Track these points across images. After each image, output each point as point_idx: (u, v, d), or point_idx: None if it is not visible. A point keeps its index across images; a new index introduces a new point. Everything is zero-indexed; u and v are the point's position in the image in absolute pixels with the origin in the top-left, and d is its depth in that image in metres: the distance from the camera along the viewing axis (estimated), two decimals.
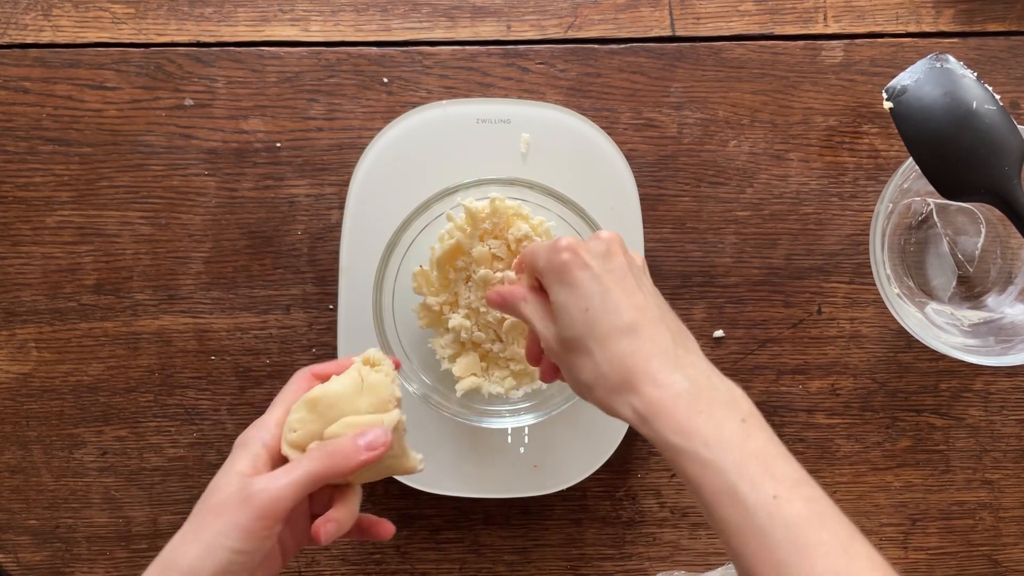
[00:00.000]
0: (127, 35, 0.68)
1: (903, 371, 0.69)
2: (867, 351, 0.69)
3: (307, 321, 0.68)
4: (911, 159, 0.60)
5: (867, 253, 0.63)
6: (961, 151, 0.58)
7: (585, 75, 0.68)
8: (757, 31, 0.68)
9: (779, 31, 0.69)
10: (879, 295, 0.63)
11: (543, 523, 0.69)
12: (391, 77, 0.68)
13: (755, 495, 0.40)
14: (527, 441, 0.65)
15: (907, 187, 0.64)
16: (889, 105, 0.59)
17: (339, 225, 0.66)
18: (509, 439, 0.65)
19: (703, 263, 0.69)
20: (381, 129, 0.65)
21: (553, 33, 0.68)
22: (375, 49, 0.68)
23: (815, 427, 0.70)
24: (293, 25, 0.68)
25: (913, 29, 0.69)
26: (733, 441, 0.42)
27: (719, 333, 0.69)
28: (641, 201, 0.65)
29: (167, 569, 0.44)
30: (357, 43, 0.68)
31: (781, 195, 0.69)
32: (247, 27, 0.68)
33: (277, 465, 0.47)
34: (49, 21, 0.67)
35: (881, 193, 0.62)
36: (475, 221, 0.59)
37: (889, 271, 0.63)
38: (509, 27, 0.68)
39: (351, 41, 0.68)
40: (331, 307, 0.68)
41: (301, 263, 0.68)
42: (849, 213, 0.69)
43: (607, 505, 0.70)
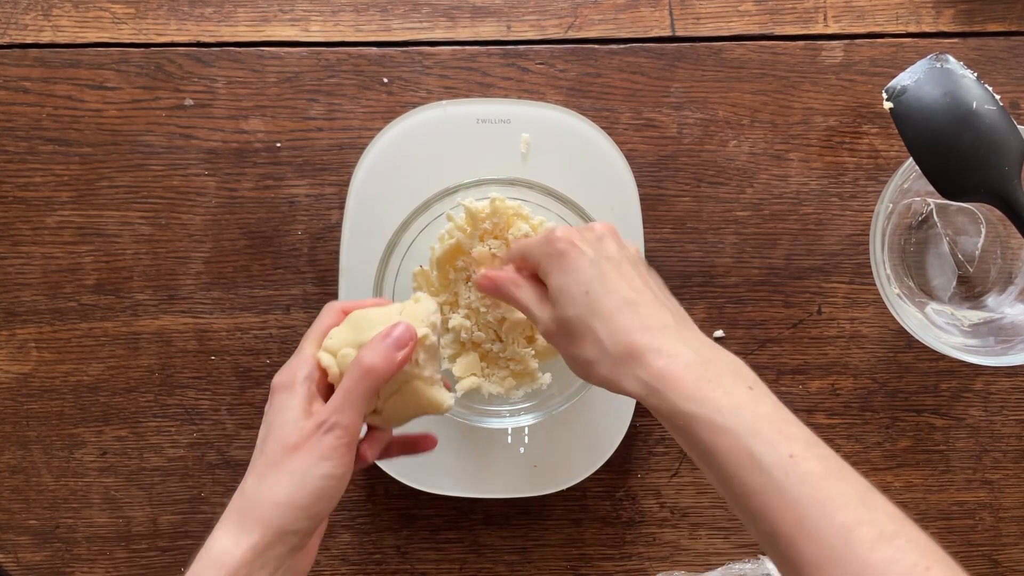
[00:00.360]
0: (127, 35, 0.68)
1: (903, 371, 0.69)
2: (867, 351, 0.69)
3: (307, 321, 0.68)
4: (911, 159, 0.60)
5: (867, 253, 0.63)
6: (961, 151, 0.58)
7: (585, 75, 0.68)
8: (757, 31, 0.68)
9: (779, 31, 0.69)
10: (879, 295, 0.63)
11: (543, 523, 0.69)
12: (391, 77, 0.68)
13: (771, 455, 0.41)
14: (527, 441, 0.65)
15: (907, 187, 0.64)
16: (889, 105, 0.59)
17: (339, 225, 0.66)
18: (509, 439, 0.65)
19: (703, 263, 0.69)
20: (381, 129, 0.65)
21: (553, 33, 0.68)
22: (375, 49, 0.68)
23: (815, 427, 0.68)
24: (293, 25, 0.68)
25: (913, 29, 0.69)
26: (744, 406, 0.43)
27: (719, 333, 0.69)
28: (641, 201, 0.65)
29: (257, 506, 0.45)
30: (357, 43, 0.68)
31: (781, 195, 0.69)
32: (247, 27, 0.68)
33: (325, 397, 0.49)
34: (49, 21, 0.68)
35: (881, 193, 0.62)
36: (475, 221, 0.59)
37: (889, 271, 0.63)
38: (509, 27, 0.68)
39: (351, 41, 0.68)
40: None
41: (301, 263, 0.68)
42: (849, 213, 0.69)
43: (607, 505, 0.70)
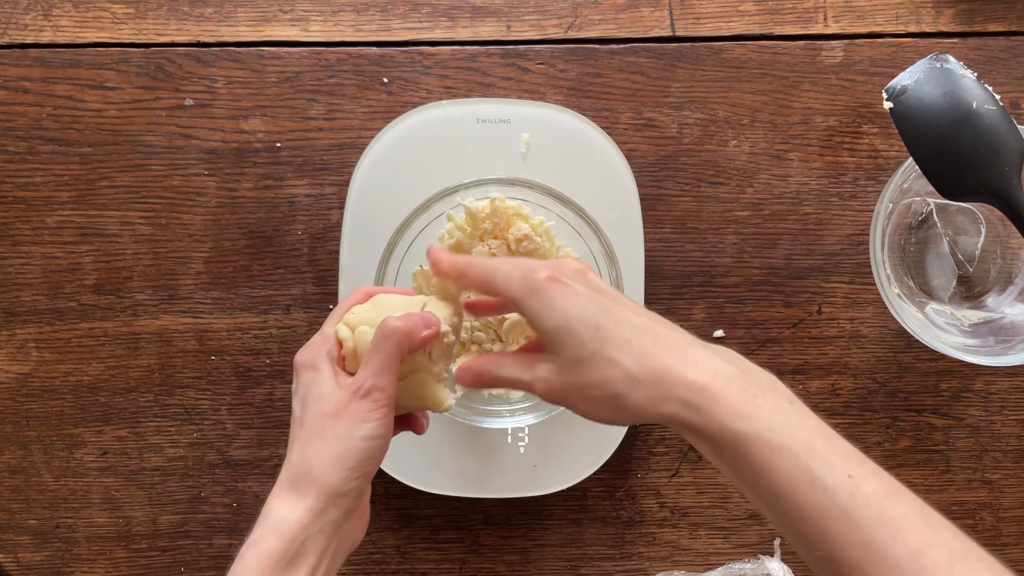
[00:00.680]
0: (127, 35, 0.68)
1: (903, 371, 0.69)
2: (867, 351, 0.69)
3: (307, 321, 0.68)
4: (911, 159, 0.60)
5: (867, 253, 0.63)
6: (961, 151, 0.58)
7: (585, 75, 0.68)
8: (757, 31, 0.68)
9: (779, 31, 0.69)
10: (879, 295, 0.63)
11: (543, 523, 0.69)
12: (391, 77, 0.68)
13: (832, 476, 0.39)
14: (527, 441, 0.65)
15: (907, 187, 0.64)
16: (889, 105, 0.59)
17: (339, 225, 0.66)
18: (509, 439, 0.65)
19: (703, 263, 0.69)
20: (381, 129, 0.65)
21: (553, 33, 0.68)
22: (375, 49, 0.68)
23: None
24: (293, 25, 0.68)
25: (913, 29, 0.69)
26: (794, 423, 0.40)
27: (719, 333, 0.69)
28: (641, 201, 0.65)
29: (306, 472, 0.45)
30: (357, 43, 0.68)
31: (781, 195, 0.69)
32: (247, 27, 0.68)
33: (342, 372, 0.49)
34: (49, 21, 0.67)
35: (881, 193, 0.62)
36: (475, 221, 0.59)
37: (889, 271, 0.63)
38: (509, 27, 0.68)
39: (351, 41, 0.68)
40: (331, 307, 0.68)
41: (301, 263, 0.68)
42: (849, 213, 0.69)
43: (607, 505, 0.70)
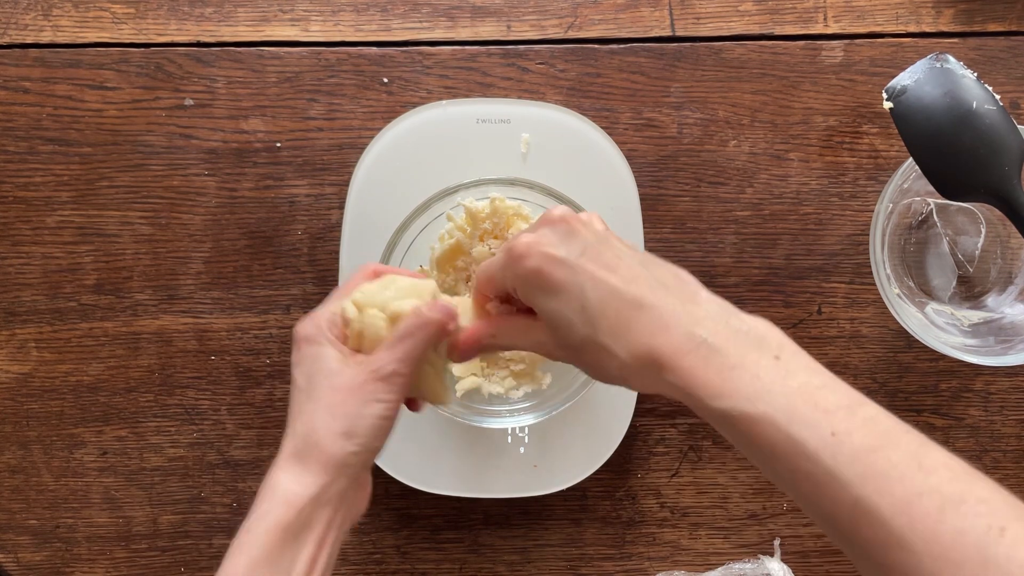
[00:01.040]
0: (127, 35, 0.68)
1: (903, 371, 0.69)
2: (867, 351, 0.69)
3: None
4: (911, 159, 0.60)
5: (867, 253, 0.63)
6: (961, 151, 0.58)
7: (585, 75, 0.68)
8: (757, 31, 0.68)
9: (779, 31, 0.69)
10: (879, 295, 0.63)
11: (543, 523, 0.69)
12: (391, 77, 0.68)
13: (814, 439, 0.38)
14: (527, 441, 0.65)
15: (907, 187, 0.64)
16: (889, 105, 0.59)
17: (339, 225, 0.66)
18: (509, 439, 0.65)
19: (703, 263, 0.69)
20: (381, 129, 0.65)
21: (553, 33, 0.68)
22: (375, 49, 0.68)
23: None
24: (293, 25, 0.68)
25: (913, 29, 0.69)
26: (774, 385, 0.39)
27: None
28: (641, 201, 0.65)
29: (314, 444, 0.45)
30: (357, 43, 0.68)
31: (781, 195, 0.69)
32: (247, 27, 0.68)
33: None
34: (49, 21, 0.67)
35: (881, 193, 0.62)
36: (475, 221, 0.59)
37: (889, 271, 0.63)
38: (509, 27, 0.68)
39: (351, 41, 0.68)
40: None
41: (301, 263, 0.68)
42: (849, 213, 0.69)
43: (607, 505, 0.70)
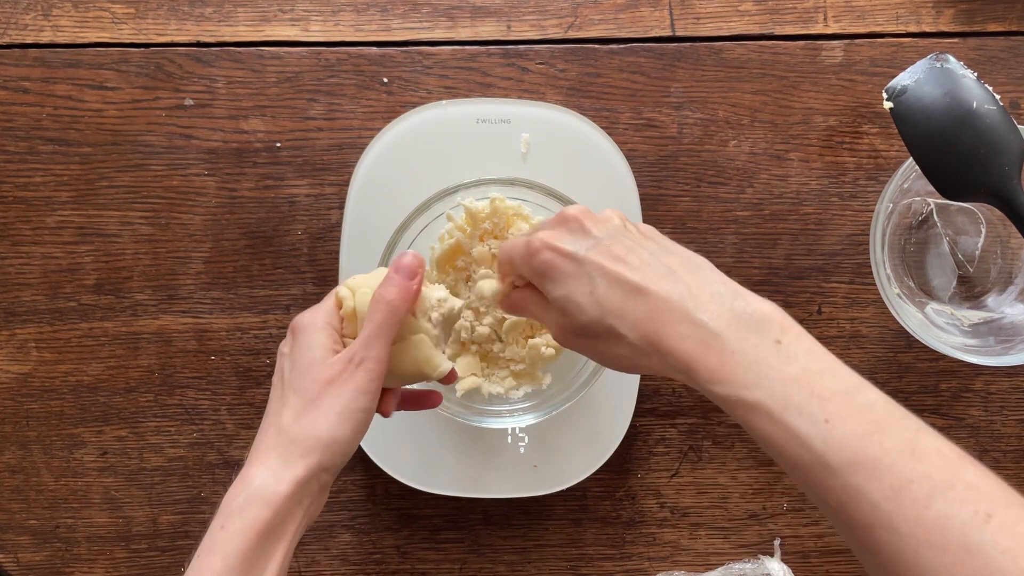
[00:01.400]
0: (127, 35, 0.68)
1: (903, 371, 0.69)
2: (867, 351, 0.69)
3: None
4: (911, 159, 0.60)
5: (867, 253, 0.63)
6: (961, 151, 0.58)
7: (585, 75, 0.68)
8: (757, 31, 0.68)
9: (779, 31, 0.69)
10: (879, 295, 0.63)
11: (543, 523, 0.69)
12: (391, 77, 0.68)
13: (807, 426, 0.39)
14: (527, 441, 0.65)
15: (907, 187, 0.64)
16: (889, 105, 0.59)
17: (339, 225, 0.66)
18: (509, 439, 0.65)
19: None
20: (381, 129, 0.65)
21: (553, 33, 0.68)
22: (375, 49, 0.68)
23: None
24: (293, 25, 0.68)
25: (913, 29, 0.69)
26: (772, 372, 0.40)
27: None
28: (641, 201, 0.65)
29: (300, 442, 0.46)
30: (357, 43, 0.68)
31: (781, 195, 0.69)
32: (247, 27, 0.68)
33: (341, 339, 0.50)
34: (49, 21, 0.67)
35: (881, 193, 0.62)
36: (475, 221, 0.59)
37: (889, 271, 0.63)
38: (509, 27, 0.68)
39: (351, 41, 0.68)
40: None
41: (301, 263, 0.68)
42: (849, 213, 0.69)
43: (607, 505, 0.70)
